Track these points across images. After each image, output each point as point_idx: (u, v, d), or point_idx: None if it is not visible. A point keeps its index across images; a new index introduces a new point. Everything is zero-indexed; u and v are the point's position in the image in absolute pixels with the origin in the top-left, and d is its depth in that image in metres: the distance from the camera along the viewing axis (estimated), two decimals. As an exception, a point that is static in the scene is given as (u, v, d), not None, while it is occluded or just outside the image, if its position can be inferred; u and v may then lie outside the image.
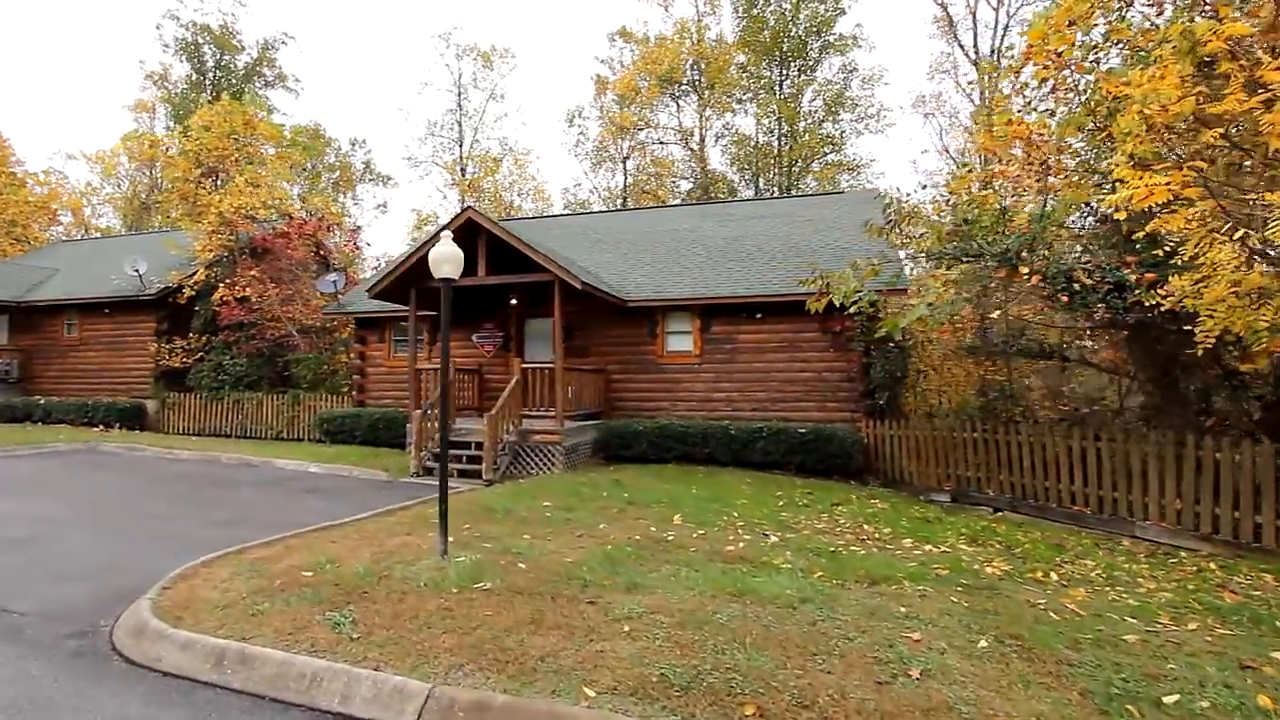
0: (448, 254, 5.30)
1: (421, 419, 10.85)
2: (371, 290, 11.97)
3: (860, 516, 7.64)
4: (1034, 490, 9.20)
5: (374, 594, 4.34)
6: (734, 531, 6.45)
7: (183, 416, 16.58)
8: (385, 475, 10.60)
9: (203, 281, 16.59)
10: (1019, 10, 25.86)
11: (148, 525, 6.92)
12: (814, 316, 12.40)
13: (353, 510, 7.74)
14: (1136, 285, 6.66)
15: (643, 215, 19.23)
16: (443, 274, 5.34)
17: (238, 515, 7.49)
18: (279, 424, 15.75)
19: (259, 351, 16.59)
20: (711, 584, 4.70)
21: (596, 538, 6.10)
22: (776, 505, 8.15)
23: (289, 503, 8.42)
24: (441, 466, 5.53)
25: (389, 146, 57.14)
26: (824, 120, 28.64)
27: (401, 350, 15.19)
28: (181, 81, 36.00)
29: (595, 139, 35.14)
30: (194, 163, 17.62)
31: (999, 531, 7.11)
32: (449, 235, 5.42)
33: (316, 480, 10.17)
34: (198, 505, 8.11)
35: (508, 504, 7.69)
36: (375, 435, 13.71)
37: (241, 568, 4.99)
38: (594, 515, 7.15)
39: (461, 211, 11.34)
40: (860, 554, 5.70)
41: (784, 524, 6.92)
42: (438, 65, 55.50)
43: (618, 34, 36.08)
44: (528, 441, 11.28)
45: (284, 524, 6.96)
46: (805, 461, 11.26)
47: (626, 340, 13.55)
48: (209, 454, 12.26)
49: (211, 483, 9.75)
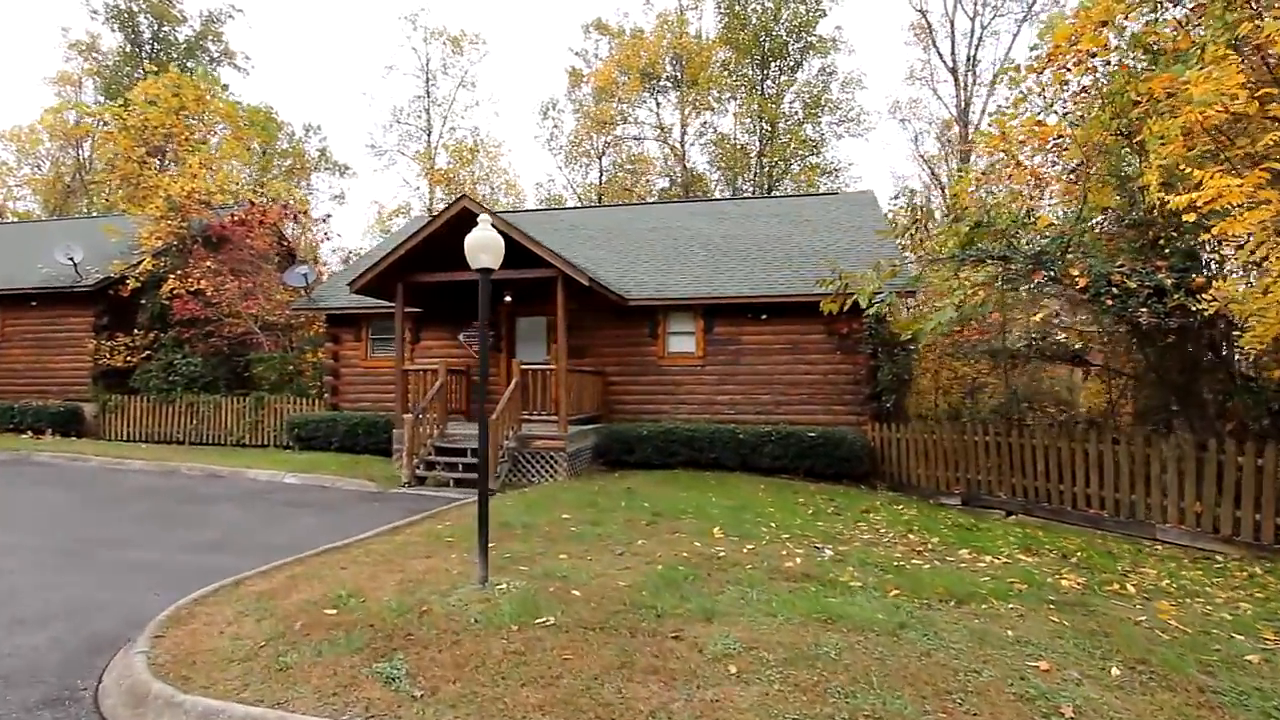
0: (486, 241, 4.68)
1: (414, 424, 10.06)
2: (354, 284, 11.09)
3: (898, 524, 7.33)
4: (1047, 493, 9.12)
5: (420, 635, 3.72)
6: (782, 545, 6.02)
7: (127, 421, 15.17)
8: (374, 486, 9.78)
9: (150, 272, 15.21)
10: (992, 21, 26.47)
11: (114, 552, 6.02)
12: (819, 318, 12.16)
13: (348, 527, 6.99)
14: (1175, 290, 6.55)
15: (633, 211, 18.69)
16: (480, 264, 4.72)
17: (218, 537, 6.65)
18: (240, 429, 14.57)
19: (216, 350, 15.33)
20: (791, 608, 4.25)
21: (641, 555, 5.57)
22: (807, 514, 7.77)
23: (274, 520, 7.58)
24: (481, 479, 4.89)
25: (346, 135, 54.87)
26: (804, 122, 28.67)
27: (381, 350, 14.26)
28: (113, 54, 33.42)
29: (570, 133, 34.43)
30: (137, 140, 16.13)
31: (1043, 539, 6.89)
32: (487, 219, 4.79)
33: (297, 493, 9.28)
34: (168, 525, 7.19)
35: (524, 517, 7.08)
36: (353, 441, 12.78)
37: (246, 605, 4.26)
38: (624, 529, 6.61)
39: (456, 200, 10.60)
40: (925, 568, 5.35)
41: (828, 535, 6.53)
42: (404, 49, 53.16)
43: (593, 26, 35.46)
44: (528, 448, 10.63)
45: (275, 546, 6.19)
46: (815, 466, 10.96)
47: (625, 341, 13.01)
48: (166, 464, 11.13)
49: (177, 498, 8.76)
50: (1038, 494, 9.23)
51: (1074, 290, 6.81)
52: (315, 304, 14.34)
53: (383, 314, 14.02)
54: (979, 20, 26.88)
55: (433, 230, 10.73)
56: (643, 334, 13.06)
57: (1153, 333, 7.05)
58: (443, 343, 14.04)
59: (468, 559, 5.47)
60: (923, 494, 10.54)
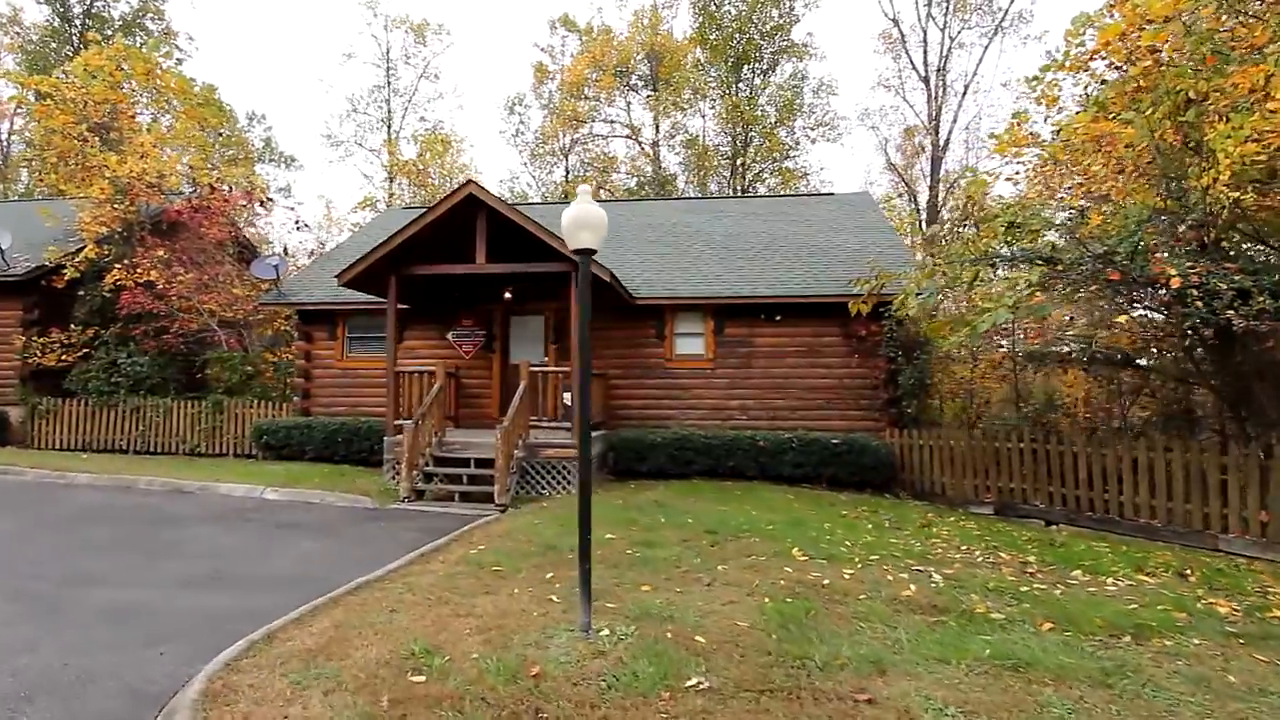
0: (589, 217, 3.87)
1: (415, 432, 9.03)
2: (344, 275, 9.97)
3: (970, 539, 6.84)
4: (1090, 502, 8.85)
5: (554, 712, 2.90)
6: (876, 568, 5.40)
7: (61, 428, 13.42)
8: (369, 502, 8.70)
9: (91, 261, 13.53)
10: (960, 33, 26.94)
11: (87, 592, 4.89)
12: (835, 320, 11.75)
13: (358, 552, 6.06)
14: (1259, 292, 6.30)
15: (624, 208, 17.88)
16: (581, 244, 3.91)
17: (211, 568, 5.56)
18: (195, 437, 13.07)
19: (169, 349, 13.75)
20: (960, 651, 3.62)
21: (735, 586, 4.85)
22: (866, 528, 7.21)
23: (269, 545, 6.49)
24: (582, 502, 4.06)
25: (295, 126, 51.96)
26: (778, 124, 28.53)
27: (360, 349, 13.05)
28: (39, 29, 30.54)
29: (537, 129, 33.39)
30: (77, 115, 14.37)
31: (1137, 554, 6.46)
32: (587, 191, 3.97)
33: (283, 511, 8.13)
34: (144, 554, 6.02)
35: (565, 538, 6.27)
36: (331, 451, 11.57)
37: (298, 671, 3.33)
38: (688, 552, 5.88)
39: (462, 185, 9.66)
40: (1056, 594, 4.82)
41: (913, 553, 5.96)
42: (363, 35, 50.56)
43: (559, 21, 34.55)
44: (537, 457, 9.74)
45: (283, 579, 5.22)
46: (838, 474, 10.48)
47: (629, 342, 12.24)
48: (119, 477, 9.71)
49: (145, 519, 7.50)
50: (1079, 502, 8.96)
51: (1160, 292, 6.50)
52: (285, 298, 13.00)
53: (361, 310, 12.85)
54: (948, 32, 27.35)
55: (435, 217, 9.75)
56: (648, 335, 12.34)
57: (1239, 336, 6.81)
58: (429, 342, 12.96)
59: (535, 594, 4.65)
60: (949, 503, 10.19)
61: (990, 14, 26.20)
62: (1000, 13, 25.63)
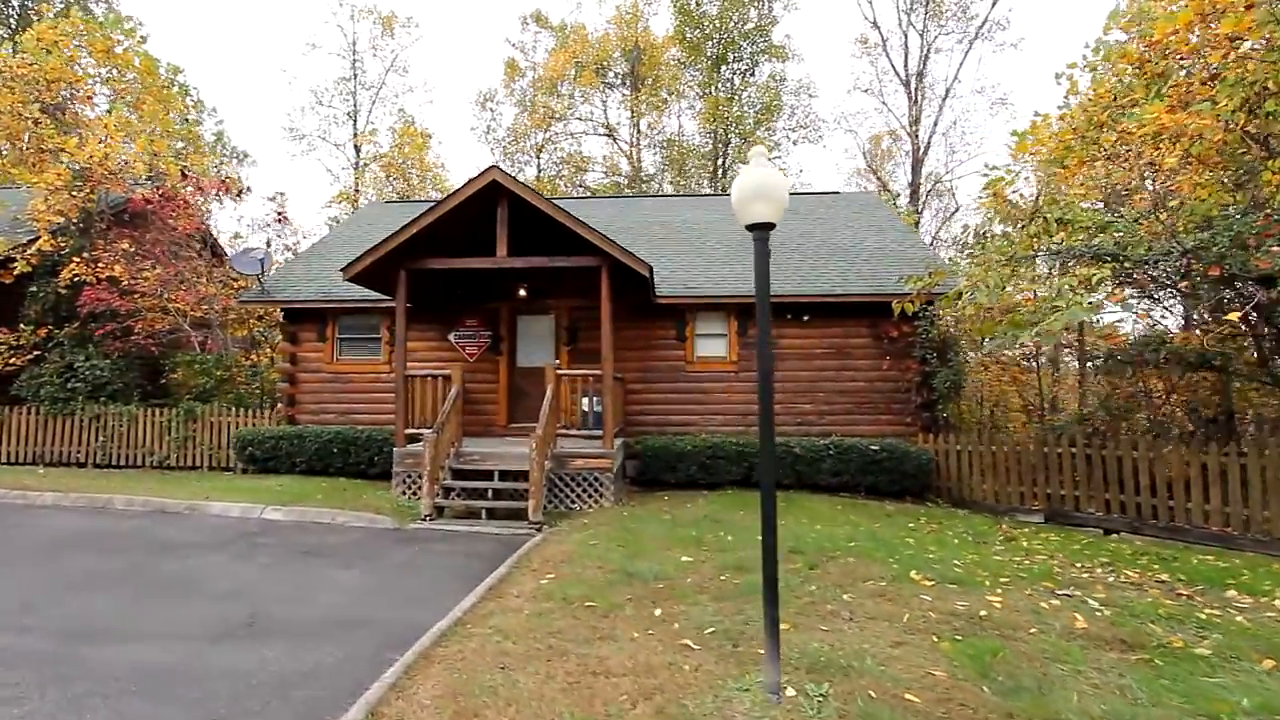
0: (766, 184, 3.16)
1: (436, 443, 8.11)
2: (350, 269, 8.98)
3: (1080, 555, 6.37)
4: (1153, 509, 8.54)
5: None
6: (1017, 594, 4.84)
7: (9, 439, 11.87)
8: (388, 521, 7.75)
9: (44, 254, 12.07)
10: (937, 39, 27.22)
11: (99, 651, 3.91)
12: (865, 320, 11.30)
13: (405, 584, 5.29)
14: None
15: (621, 204, 17.18)
16: (755, 217, 3.20)
17: (243, 612, 4.61)
18: (165, 448, 11.74)
19: (140, 350, 12.37)
20: (1209, 702, 3.09)
21: (882, 620, 4.21)
22: (953, 543, 6.67)
23: (297, 578, 5.53)
24: (766, 530, 3.35)
25: (250, 120, 49.28)
26: (758, 124, 28.28)
27: (352, 351, 11.98)
28: (-35, 7, 27.98)
29: (509, 126, 32.38)
30: (29, 94, 12.87)
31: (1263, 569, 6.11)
32: (762, 152, 3.26)
33: (294, 534, 7.12)
34: (152, 593, 5.01)
35: (634, 562, 5.56)
36: (326, 462, 10.49)
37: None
38: (792, 577, 5.21)
39: (485, 170, 8.79)
40: (1241, 621, 4.31)
41: (1039, 574, 5.41)
42: (328, 26, 47.86)
43: (531, 17, 33.65)
44: (565, 469, 8.93)
45: (335, 623, 4.39)
46: (877, 482, 10.01)
47: (646, 344, 11.53)
48: (88, 495, 8.46)
49: (135, 547, 6.39)
50: (1139, 509, 8.67)
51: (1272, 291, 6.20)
52: (270, 295, 11.83)
53: (354, 309, 11.82)
54: (925, 38, 27.62)
55: (453, 206, 8.87)
56: (668, 336, 11.66)
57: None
58: (429, 344, 12.00)
59: (663, 639, 3.94)
60: (992, 511, 9.81)
61: (964, 20, 26.54)
62: (976, 19, 25.98)
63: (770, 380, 3.41)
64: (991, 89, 41.61)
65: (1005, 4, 43.85)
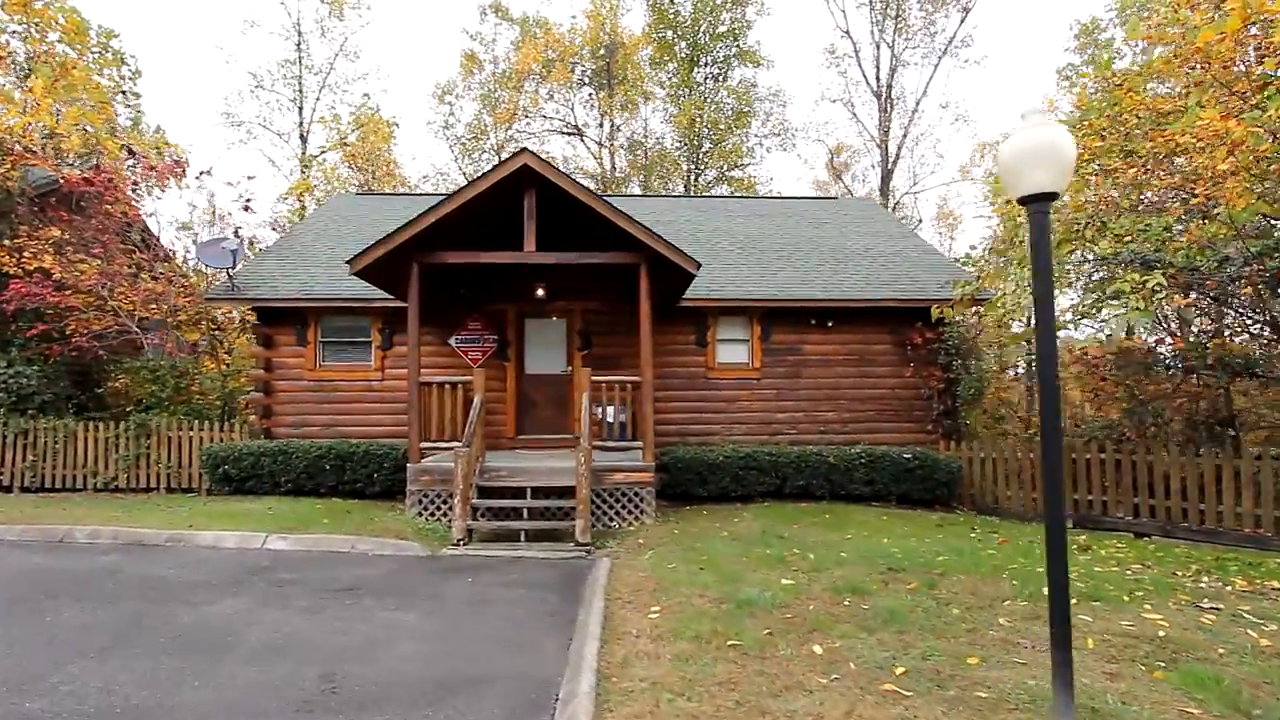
0: (1048, 145, 2.63)
1: (469, 459, 7.24)
2: (357, 261, 7.97)
3: (1165, 563, 6.21)
4: (1183, 512, 8.65)
5: None
6: (1174, 611, 4.54)
7: (-93, 460, 10.05)
8: (417, 547, 6.82)
9: (-45, 243, 10.32)
10: (904, 51, 28.02)
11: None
12: (886, 326, 11.12)
13: (484, 626, 4.62)
14: None
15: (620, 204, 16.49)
16: (1035, 186, 2.67)
17: (314, 675, 3.71)
18: (112, 468, 10.20)
19: (68, 357, 10.73)
20: None
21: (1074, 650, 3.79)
22: (1036, 554, 6.41)
23: (350, 624, 4.60)
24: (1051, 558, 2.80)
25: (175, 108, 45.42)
26: (733, 129, 28.28)
27: (337, 356, 10.84)
28: None
29: (469, 122, 31.16)
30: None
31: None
32: (1038, 111, 2.77)
33: (315, 568, 6.09)
34: (184, 653, 3.99)
35: (728, 589, 5.02)
36: (316, 481, 9.34)
37: None
38: (907, 598, 4.76)
39: (516, 154, 8.01)
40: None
41: (1156, 588, 5.18)
42: (269, 2, 44.45)
43: (490, 8, 32.53)
44: (603, 484, 8.23)
45: (434, 684, 3.66)
46: (910, 491, 9.79)
47: (664, 349, 10.93)
48: (38, 527, 7.07)
49: (127, 591, 5.22)
50: (1169, 513, 8.76)
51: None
52: (240, 293, 10.51)
53: (339, 308, 10.70)
54: (895, 50, 28.39)
55: (477, 194, 8.05)
56: (687, 342, 11.14)
57: None
58: (428, 348, 10.89)
59: (842, 679, 3.39)
60: (1017, 517, 9.76)
61: (930, 35, 27.45)
62: (941, 33, 26.91)
63: (1054, 375, 2.90)
64: (956, 104, 43.54)
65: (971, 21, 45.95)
